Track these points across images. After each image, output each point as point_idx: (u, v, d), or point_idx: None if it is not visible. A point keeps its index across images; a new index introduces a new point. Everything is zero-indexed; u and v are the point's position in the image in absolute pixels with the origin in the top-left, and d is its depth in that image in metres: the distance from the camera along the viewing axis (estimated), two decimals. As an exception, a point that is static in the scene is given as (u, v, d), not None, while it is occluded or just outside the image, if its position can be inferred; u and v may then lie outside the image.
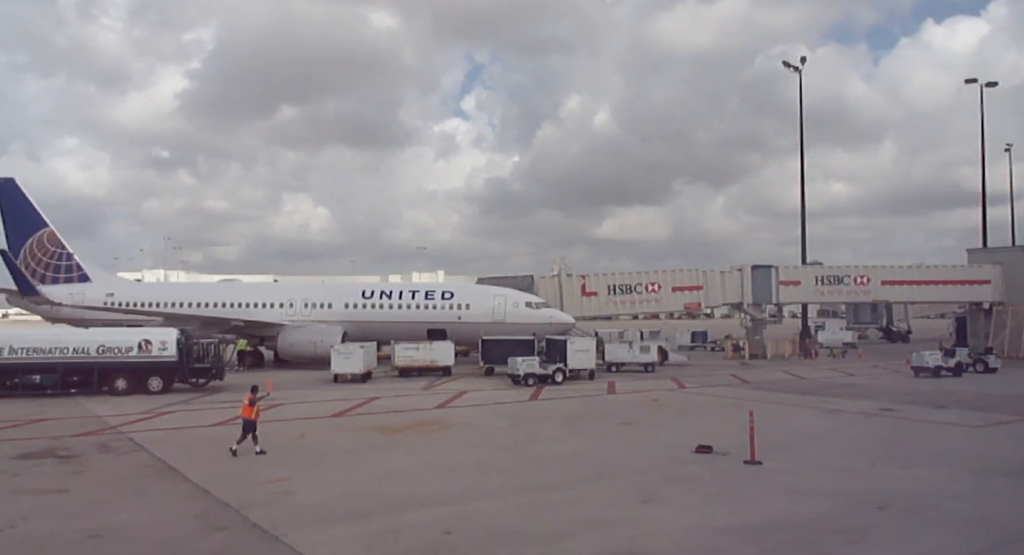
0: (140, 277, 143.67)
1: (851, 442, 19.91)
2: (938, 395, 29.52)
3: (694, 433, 20.74)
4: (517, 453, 18.88)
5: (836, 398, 28.78)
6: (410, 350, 37.97)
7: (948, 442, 19.78)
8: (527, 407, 27.43)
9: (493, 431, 22.20)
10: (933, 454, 18.22)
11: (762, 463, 17.12)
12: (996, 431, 21.49)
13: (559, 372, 34.35)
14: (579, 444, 19.96)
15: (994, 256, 53.92)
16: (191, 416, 25.60)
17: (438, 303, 45.44)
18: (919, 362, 37.01)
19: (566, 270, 50.11)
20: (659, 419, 24.19)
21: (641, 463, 17.60)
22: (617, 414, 25.13)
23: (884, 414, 24.62)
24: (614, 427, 22.68)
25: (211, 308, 45.81)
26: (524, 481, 15.86)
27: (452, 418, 24.64)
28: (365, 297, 46.27)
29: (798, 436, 20.85)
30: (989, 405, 26.68)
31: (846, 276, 51.72)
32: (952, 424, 22.57)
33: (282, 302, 46.40)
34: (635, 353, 40.16)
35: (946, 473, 16.16)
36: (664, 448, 19.19)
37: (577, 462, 17.71)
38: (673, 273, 50.95)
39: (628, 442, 20.26)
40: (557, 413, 25.58)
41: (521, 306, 44.23)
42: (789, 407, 26.62)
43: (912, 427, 22.29)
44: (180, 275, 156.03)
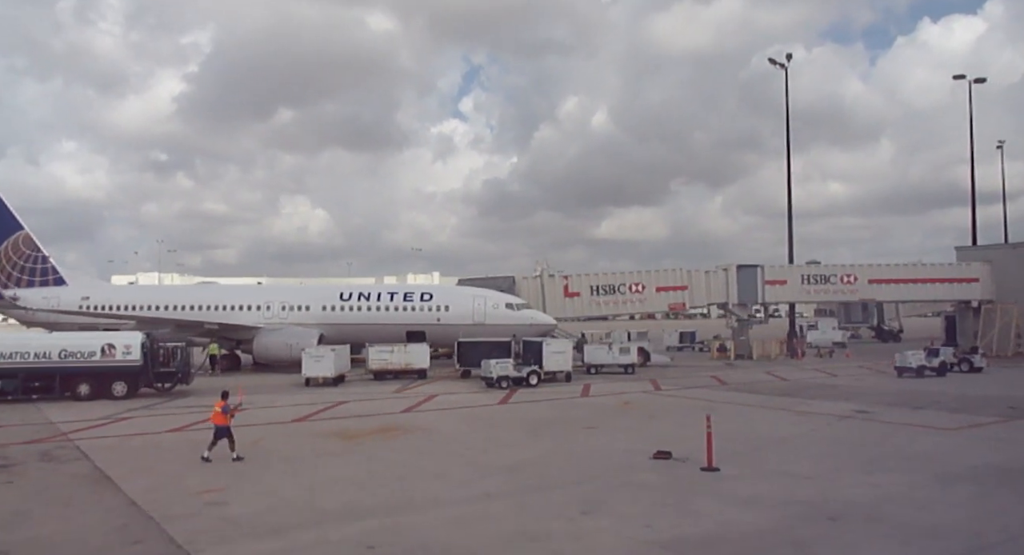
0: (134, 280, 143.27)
1: (817, 447, 19.24)
2: (917, 396, 28.85)
3: (657, 438, 20.07)
4: (470, 460, 18.24)
5: (812, 400, 28.11)
6: (384, 353, 37.31)
7: (918, 446, 19.10)
8: (494, 411, 26.79)
9: (452, 437, 21.55)
10: (900, 459, 17.57)
11: (720, 470, 16.47)
12: (970, 434, 20.82)
13: (533, 374, 33.70)
14: (535, 450, 19.31)
15: (983, 254, 53.24)
16: (149, 422, 24.97)
17: (417, 305, 44.80)
18: (902, 362, 36.34)
19: (548, 271, 49.31)
20: (625, 423, 23.53)
21: (593, 470, 16.94)
22: (583, 418, 24.47)
23: (858, 416, 23.96)
24: (576, 432, 22.03)
25: (187, 311, 45.16)
26: (468, 490, 15.22)
27: (415, 423, 23.99)
28: (343, 299, 45.62)
29: (764, 440, 20.19)
30: (968, 406, 26.02)
31: (832, 275, 51.06)
32: (926, 427, 21.91)
33: (259, 304, 45.72)
34: (615, 354, 39.49)
35: (910, 480, 15.51)
36: (622, 454, 18.54)
37: (528, 470, 17.06)
38: (657, 273, 50.31)
39: (586, 448, 19.61)
40: (522, 418, 24.93)
41: (501, 307, 43.60)
42: (761, 410, 25.97)
43: (884, 430, 21.63)
44: (175, 278, 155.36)
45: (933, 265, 52.68)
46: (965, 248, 55.37)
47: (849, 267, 51.70)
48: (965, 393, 29.83)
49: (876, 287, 51.43)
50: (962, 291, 51.55)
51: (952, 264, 53.08)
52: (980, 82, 59.99)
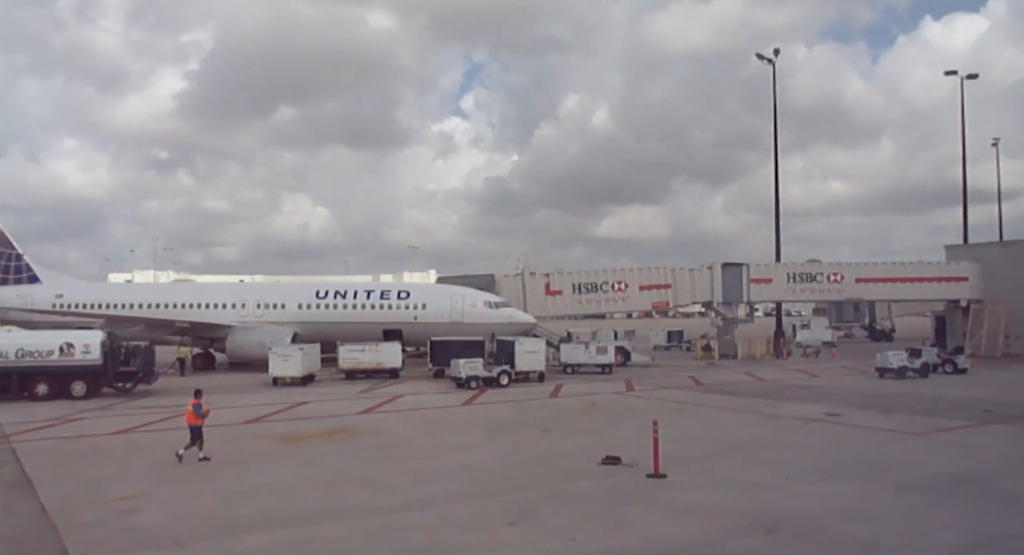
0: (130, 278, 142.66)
1: (775, 452, 18.47)
2: (892, 398, 28.06)
3: (614, 442, 19.35)
4: (410, 465, 17.50)
5: (784, 402, 27.35)
6: (355, 352, 36.59)
7: (879, 452, 18.32)
8: (455, 413, 26.06)
9: (401, 440, 20.82)
10: (857, 466, 16.80)
11: (666, 476, 15.74)
12: (936, 439, 20.04)
13: (504, 374, 32.95)
14: (482, 455, 18.58)
15: (973, 253, 52.37)
16: (100, 423, 24.23)
17: (394, 303, 44.03)
18: (883, 363, 35.49)
19: (529, 269, 48.49)
20: (585, 425, 22.78)
21: (535, 477, 16.20)
22: (544, 420, 23.72)
23: (825, 420, 23.19)
24: (532, 435, 21.29)
25: (161, 309, 44.46)
26: (397, 498, 14.48)
27: (368, 425, 23.27)
28: (319, 297, 44.85)
29: (721, 445, 19.43)
30: (942, 409, 25.23)
31: (819, 273, 50.24)
32: (892, 431, 21.12)
33: (235, 303, 44.94)
34: (592, 354, 38.74)
35: (862, 489, 14.74)
36: (570, 459, 17.81)
37: (467, 476, 16.32)
38: (640, 271, 49.49)
39: (536, 453, 18.87)
40: (481, 420, 24.19)
41: (479, 306, 42.79)
42: (729, 412, 25.20)
43: (849, 435, 20.87)
44: (170, 275, 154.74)
45: (921, 264, 51.81)
46: (954, 247, 54.51)
47: (836, 265, 50.87)
48: (943, 395, 29.04)
49: (863, 286, 50.56)
50: (950, 290, 50.70)
51: (941, 263, 52.20)
52: (972, 78, 59.19)
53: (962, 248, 53.94)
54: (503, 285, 48.13)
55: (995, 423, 22.59)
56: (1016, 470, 16.28)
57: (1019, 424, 22.37)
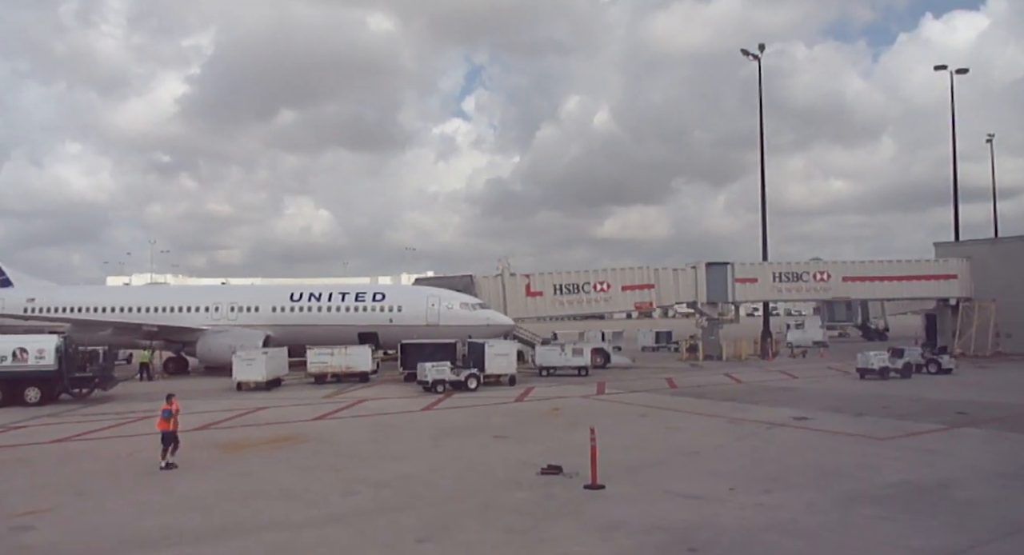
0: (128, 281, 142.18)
1: (728, 460, 17.56)
2: (867, 401, 27.14)
3: (564, 449, 18.51)
4: (345, 475, 16.65)
5: (755, 405, 26.43)
6: (324, 355, 35.78)
7: (839, 459, 17.40)
8: (412, 418, 25.16)
9: (345, 448, 19.96)
10: (812, 475, 15.89)
11: (605, 487, 14.85)
12: (902, 444, 19.10)
13: (472, 378, 32.06)
14: (422, 464, 17.69)
15: (962, 250, 51.39)
16: (42, 431, 23.43)
17: (369, 305, 43.23)
18: (864, 364, 34.53)
19: (509, 269, 47.62)
20: (541, 431, 21.88)
21: (468, 488, 15.33)
22: (500, 426, 22.85)
23: (793, 424, 22.26)
24: (481, 442, 20.39)
25: (131, 313, 43.71)
26: (315, 512, 13.63)
27: (317, 432, 22.41)
28: (293, 300, 44.09)
29: (675, 452, 18.52)
30: (916, 412, 24.30)
31: (805, 272, 49.25)
32: (859, 436, 20.20)
33: (208, 306, 44.23)
34: (567, 356, 37.88)
35: (809, 500, 13.83)
36: (511, 468, 16.92)
37: (398, 487, 15.45)
38: (623, 271, 48.56)
39: (478, 461, 17.96)
40: (436, 426, 23.31)
41: (456, 308, 41.97)
42: (694, 416, 24.28)
43: (812, 440, 19.94)
44: (168, 278, 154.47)
45: (909, 262, 50.76)
46: (944, 244, 53.49)
47: (822, 264, 49.92)
48: (920, 396, 28.10)
49: (850, 285, 49.57)
50: (940, 288, 49.72)
51: (929, 260, 51.19)
52: (962, 73, 58.35)
53: (951, 245, 52.95)
54: (483, 286, 47.27)
55: (968, 426, 21.65)
56: (977, 478, 15.36)
57: (991, 427, 21.44)
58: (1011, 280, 46.96)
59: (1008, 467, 16.20)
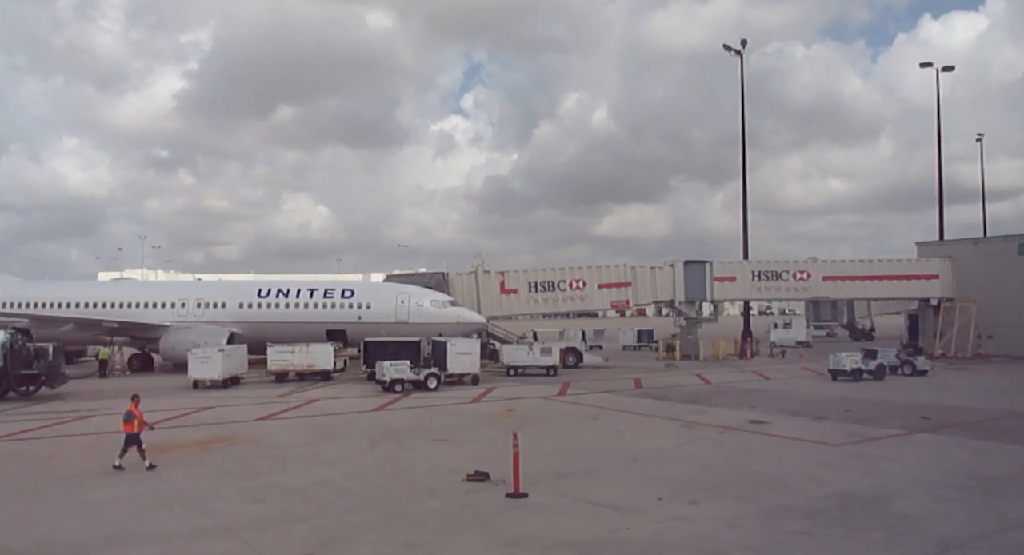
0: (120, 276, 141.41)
1: (668, 467, 16.74)
2: (831, 404, 26.34)
3: (503, 453, 17.69)
4: (261, 481, 15.82)
5: (715, 407, 25.61)
6: (284, 353, 34.93)
7: (781, 467, 16.56)
8: (358, 419, 24.29)
9: (275, 451, 19.12)
10: (747, 484, 15.06)
11: (527, 496, 14.05)
12: (854, 451, 18.27)
13: (432, 377, 31.24)
14: (346, 469, 16.87)
15: (944, 250, 50.55)
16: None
17: (337, 302, 42.39)
18: (835, 365, 33.70)
19: (483, 266, 46.75)
20: (484, 435, 21.03)
21: (384, 496, 14.50)
22: (444, 428, 22.02)
23: (747, 428, 21.44)
24: (418, 445, 19.56)
25: (97, 309, 42.83)
26: (208, 522, 12.81)
27: (254, 433, 21.57)
28: (261, 296, 43.23)
29: (614, 458, 17.68)
30: (878, 416, 23.49)
31: (784, 271, 48.39)
32: (811, 442, 19.37)
33: (174, 302, 43.38)
34: (535, 356, 37.07)
35: (736, 513, 13.01)
36: (437, 475, 16.11)
37: (309, 494, 14.62)
38: (599, 269, 47.73)
39: (407, 466, 17.14)
40: (379, 427, 22.44)
41: (426, 305, 41.14)
42: (648, 420, 23.46)
43: (761, 446, 19.11)
44: (159, 274, 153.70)
45: (891, 261, 49.91)
46: (926, 243, 52.64)
47: (802, 263, 49.03)
48: (887, 400, 27.29)
49: (831, 284, 48.73)
50: (921, 288, 48.90)
51: (910, 260, 50.34)
52: (948, 70, 57.57)
53: (934, 245, 52.11)
54: (456, 284, 46.44)
55: (927, 432, 20.84)
56: (921, 489, 14.54)
57: (951, 433, 20.61)
58: (993, 281, 46.17)
59: (956, 478, 15.37)
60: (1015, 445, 18.68)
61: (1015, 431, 20.79)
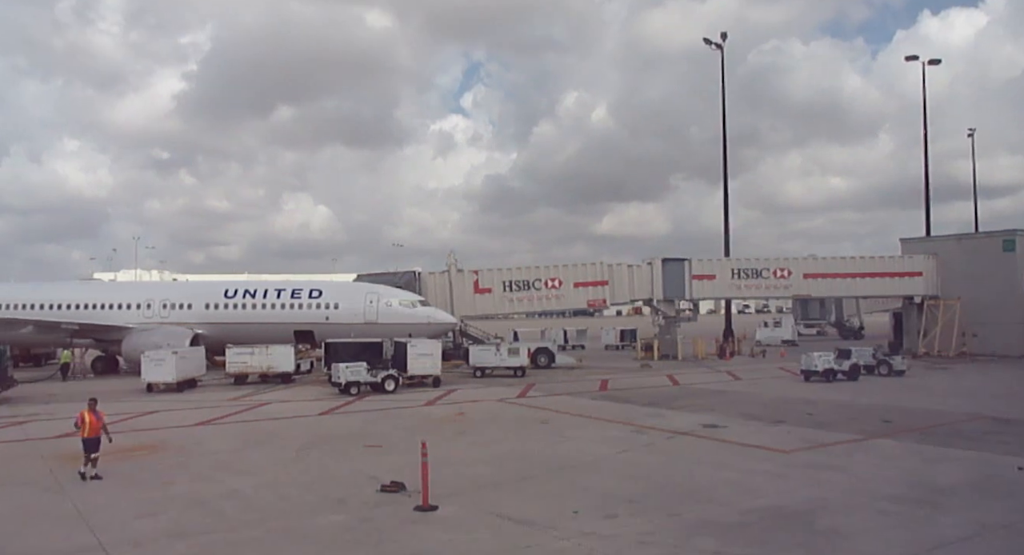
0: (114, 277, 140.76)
1: (599, 476, 15.81)
2: (795, 406, 25.43)
3: (435, 461, 16.79)
4: (165, 492, 14.93)
5: (672, 411, 24.68)
6: (244, 355, 34.09)
7: (720, 476, 15.65)
8: (300, 424, 23.33)
9: (199, 459, 18.26)
10: (676, 495, 14.15)
11: (437, 509, 13.19)
12: (800, 458, 17.34)
13: (390, 379, 30.35)
14: (262, 478, 15.98)
15: (928, 246, 49.57)
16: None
17: (305, 302, 41.57)
18: (807, 365, 32.77)
19: (456, 265, 45.87)
20: (418, 441, 20.13)
21: (289, 508, 13.59)
22: (382, 434, 21.13)
23: (698, 433, 20.52)
24: (349, 452, 18.63)
25: (61, 310, 41.99)
26: (85, 539, 11.93)
27: (184, 440, 20.67)
28: (227, 297, 42.39)
29: (544, 467, 16.74)
30: (838, 420, 22.57)
31: (764, 269, 47.42)
32: (760, 448, 18.46)
33: (139, 303, 42.55)
34: (503, 356, 36.20)
35: (652, 527, 12.08)
36: (354, 485, 15.23)
37: (210, 507, 13.73)
38: (575, 267, 46.85)
39: (327, 475, 16.21)
40: (315, 433, 21.49)
41: (395, 305, 40.31)
42: (598, 424, 22.53)
43: (705, 453, 18.18)
44: (154, 274, 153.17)
45: (873, 258, 48.91)
46: (910, 240, 51.60)
47: (782, 260, 48.01)
48: (854, 402, 26.36)
49: (812, 282, 47.75)
50: (904, 286, 47.93)
51: (893, 257, 49.34)
52: (935, 64, 56.68)
53: (918, 242, 51.10)
54: (428, 283, 45.60)
55: (886, 437, 19.94)
56: (860, 500, 13.61)
57: (909, 438, 19.69)
58: (978, 278, 45.19)
59: (900, 488, 14.45)
60: (970, 451, 17.75)
61: (975, 436, 19.85)
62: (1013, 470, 15.69)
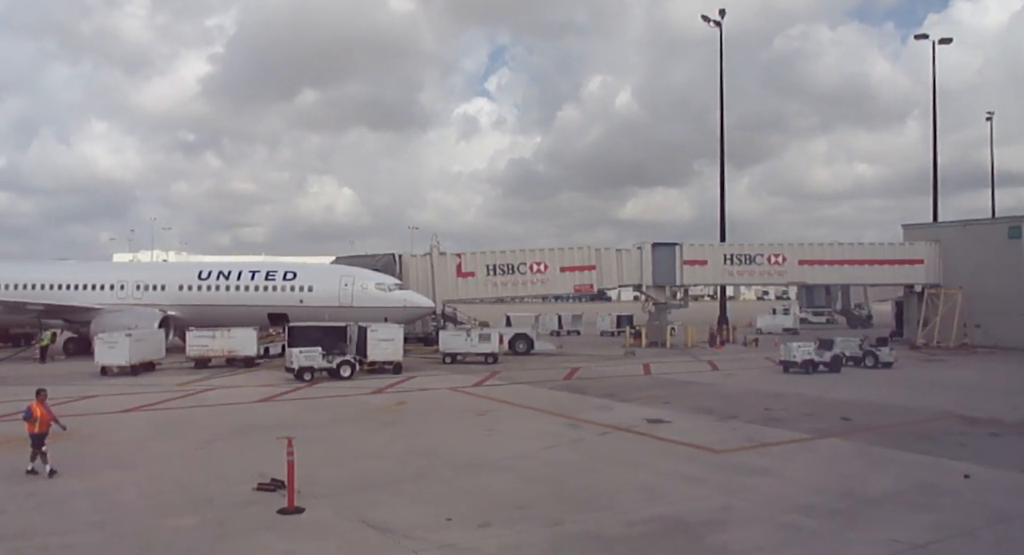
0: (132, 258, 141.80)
1: (501, 477, 14.53)
2: (758, 400, 23.94)
3: (347, 455, 16.13)
4: (26, 488, 13.98)
5: (624, 403, 23.33)
6: (204, 338, 33.25)
7: (633, 478, 14.30)
8: (230, 412, 22.24)
9: (101, 448, 17.35)
10: (569, 502, 12.82)
11: (303, 512, 12.10)
12: (731, 460, 15.91)
13: (345, 365, 29.34)
14: (147, 473, 15.00)
15: (931, 232, 47.39)
16: None
17: (279, 284, 40.61)
18: (786, 356, 31.18)
19: (439, 248, 44.70)
20: (344, 433, 19.08)
21: (150, 508, 12.55)
22: (311, 424, 20.01)
23: (636, 429, 19.12)
24: (258, 444, 17.48)
25: (33, 291, 41.48)
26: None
27: (100, 429, 19.74)
28: (201, 278, 41.61)
29: (447, 465, 15.45)
30: (796, 416, 21.07)
31: (759, 254, 45.66)
32: (695, 447, 17.06)
33: (113, 284, 41.90)
34: (473, 342, 35.02)
35: (522, 540, 10.86)
36: (233, 481, 14.14)
37: (68, 505, 12.73)
38: (562, 251, 45.48)
39: (210, 471, 15.14)
40: (236, 423, 20.39)
41: (370, 288, 39.22)
42: (537, 416, 21.27)
43: (633, 451, 16.84)
44: (171, 255, 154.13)
45: (872, 245, 46.89)
46: (912, 226, 49.43)
47: (777, 246, 46.15)
48: (822, 397, 24.79)
49: (808, 269, 45.89)
50: (905, 274, 45.89)
51: (893, 244, 47.26)
52: (945, 43, 54.28)
53: (920, 228, 48.90)
54: (410, 266, 44.52)
55: (837, 436, 18.46)
56: (773, 511, 12.23)
57: (862, 438, 18.18)
58: (981, 266, 43.10)
59: (823, 497, 13.04)
60: (920, 454, 16.25)
61: (934, 436, 18.32)
62: (957, 477, 14.21)
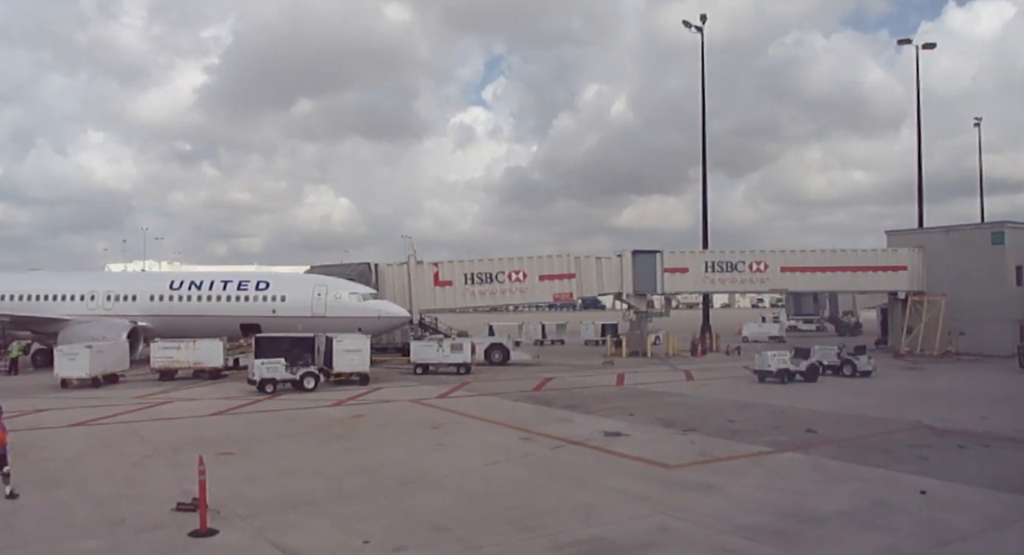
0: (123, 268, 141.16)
1: (436, 495, 13.91)
2: (723, 411, 23.31)
3: (285, 471, 15.45)
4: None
5: (586, 415, 22.70)
6: (170, 350, 32.64)
7: (572, 497, 13.65)
8: (178, 426, 21.60)
9: (36, 466, 16.50)
10: (499, 522, 12.22)
11: (217, 533, 11.50)
12: (679, 477, 15.22)
13: (309, 377, 28.72)
14: (69, 491, 14.42)
15: (915, 239, 46.87)
16: None
17: (252, 294, 40.04)
18: (761, 365, 30.58)
19: (416, 256, 44.14)
20: (290, 448, 18.44)
21: (57, 530, 11.92)
22: (258, 438, 19.43)
23: (590, 443, 18.48)
24: (194, 461, 16.92)
25: (3, 301, 40.86)
26: None
27: (41, 443, 19.00)
28: (172, 288, 41.03)
29: (387, 482, 14.87)
30: (759, 428, 20.44)
31: (740, 262, 45.13)
32: (646, 462, 16.40)
33: (83, 294, 41.29)
34: (445, 353, 34.41)
35: (439, 563, 10.31)
36: (157, 500, 13.52)
37: (-33, 529, 12.15)
38: (540, 260, 44.90)
39: (139, 489, 14.49)
40: (184, 437, 19.78)
41: (344, 298, 38.66)
42: (492, 429, 20.63)
43: (582, 467, 16.17)
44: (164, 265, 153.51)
45: (855, 252, 46.33)
46: (896, 232, 48.95)
47: (759, 253, 45.62)
48: (791, 407, 24.15)
49: (789, 276, 45.34)
50: (888, 281, 45.36)
51: (876, 250, 46.75)
52: (929, 48, 53.90)
53: (903, 234, 48.38)
54: (386, 275, 43.91)
55: (796, 450, 17.82)
56: (708, 534, 11.59)
57: (823, 452, 17.52)
58: (965, 273, 42.63)
59: (767, 517, 12.39)
60: (879, 469, 15.62)
61: (896, 450, 17.70)
62: (912, 494, 13.60)
